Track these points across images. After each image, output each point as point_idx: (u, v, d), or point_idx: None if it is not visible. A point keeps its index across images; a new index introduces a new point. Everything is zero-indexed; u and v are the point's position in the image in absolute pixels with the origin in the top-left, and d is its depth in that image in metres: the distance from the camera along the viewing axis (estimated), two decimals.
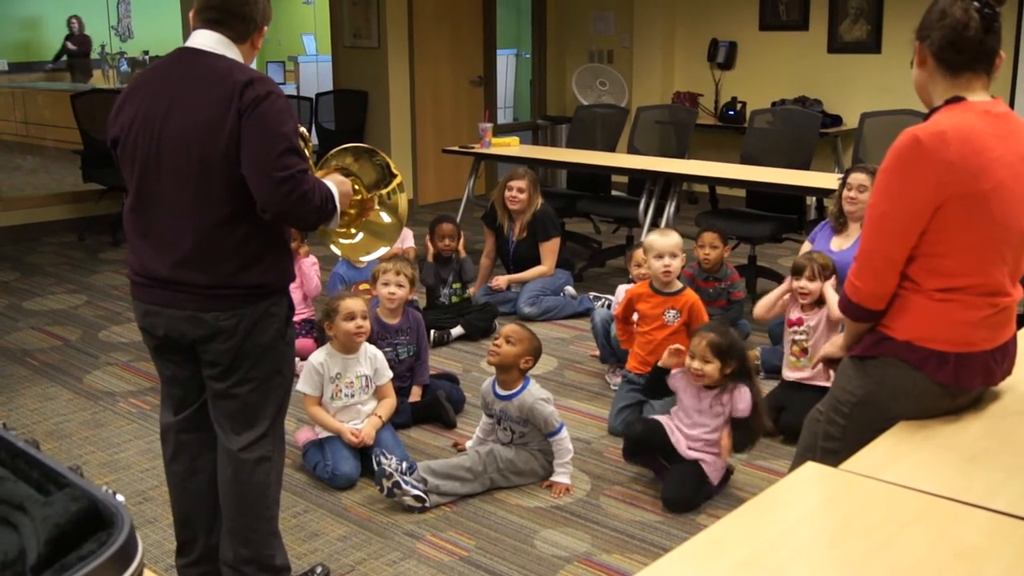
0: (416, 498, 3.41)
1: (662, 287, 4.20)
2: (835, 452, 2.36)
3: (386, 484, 3.41)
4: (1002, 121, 2.23)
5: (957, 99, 2.24)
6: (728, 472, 3.61)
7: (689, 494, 3.46)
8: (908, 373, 2.27)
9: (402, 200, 2.95)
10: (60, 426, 4.21)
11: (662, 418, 3.65)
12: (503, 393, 3.65)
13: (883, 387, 2.31)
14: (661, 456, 3.58)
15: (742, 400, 3.47)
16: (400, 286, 4.24)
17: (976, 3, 2.20)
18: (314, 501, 3.54)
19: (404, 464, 3.49)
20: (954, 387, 2.26)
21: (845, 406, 2.38)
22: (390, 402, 3.85)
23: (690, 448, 3.53)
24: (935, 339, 2.24)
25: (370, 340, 3.94)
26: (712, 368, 3.45)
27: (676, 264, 4.19)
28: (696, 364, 3.48)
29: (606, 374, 4.73)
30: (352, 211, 2.87)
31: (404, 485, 3.39)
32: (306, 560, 3.13)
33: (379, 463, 3.46)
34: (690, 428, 3.56)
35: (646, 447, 3.60)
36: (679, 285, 4.25)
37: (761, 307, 4.41)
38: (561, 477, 3.61)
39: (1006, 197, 2.19)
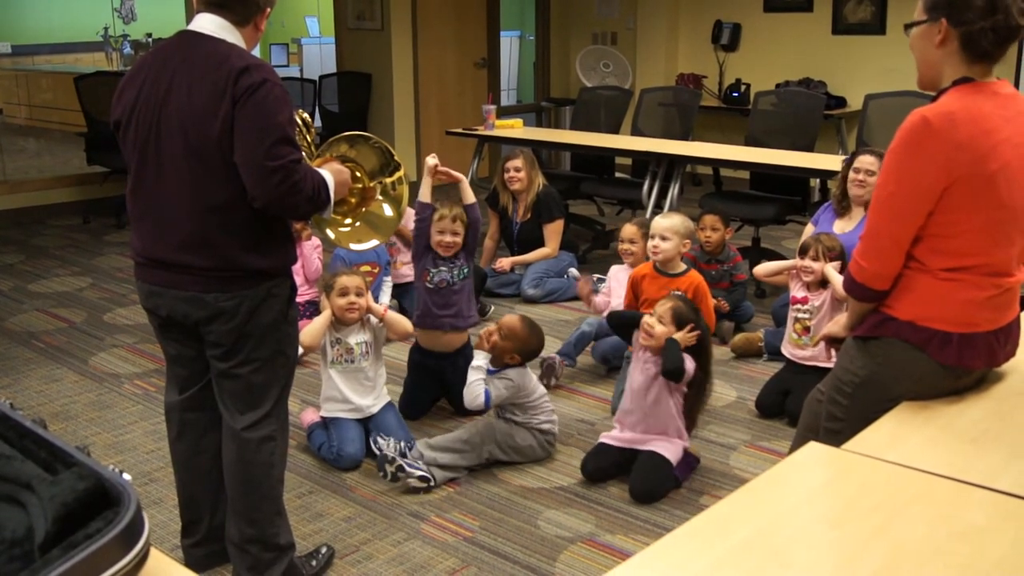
0: (421, 479, 3.42)
1: (662, 268, 4.21)
2: (837, 432, 2.37)
3: (389, 469, 3.42)
4: (1009, 102, 2.22)
5: (966, 80, 2.22)
6: (692, 458, 3.57)
7: (653, 484, 3.41)
8: (911, 353, 2.27)
9: (405, 193, 2.94)
10: (66, 408, 4.22)
11: (605, 437, 3.61)
12: (492, 368, 3.68)
13: (886, 367, 2.31)
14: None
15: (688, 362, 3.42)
16: (456, 234, 4.08)
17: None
18: (319, 482, 3.56)
19: (403, 444, 3.51)
20: (957, 367, 2.26)
21: (848, 386, 2.38)
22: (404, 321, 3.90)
23: (643, 436, 3.51)
24: (938, 319, 2.24)
25: (425, 263, 4.07)
26: (662, 331, 3.42)
27: (665, 246, 4.18)
28: (651, 321, 3.45)
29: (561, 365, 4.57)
30: (353, 199, 2.85)
31: (408, 468, 3.41)
32: (311, 540, 3.15)
33: (379, 448, 3.48)
34: (635, 415, 3.53)
35: (607, 476, 3.56)
36: (683, 267, 4.25)
37: (763, 268, 4.44)
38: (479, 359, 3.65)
39: (1013, 178, 2.18)
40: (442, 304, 4.10)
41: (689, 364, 3.42)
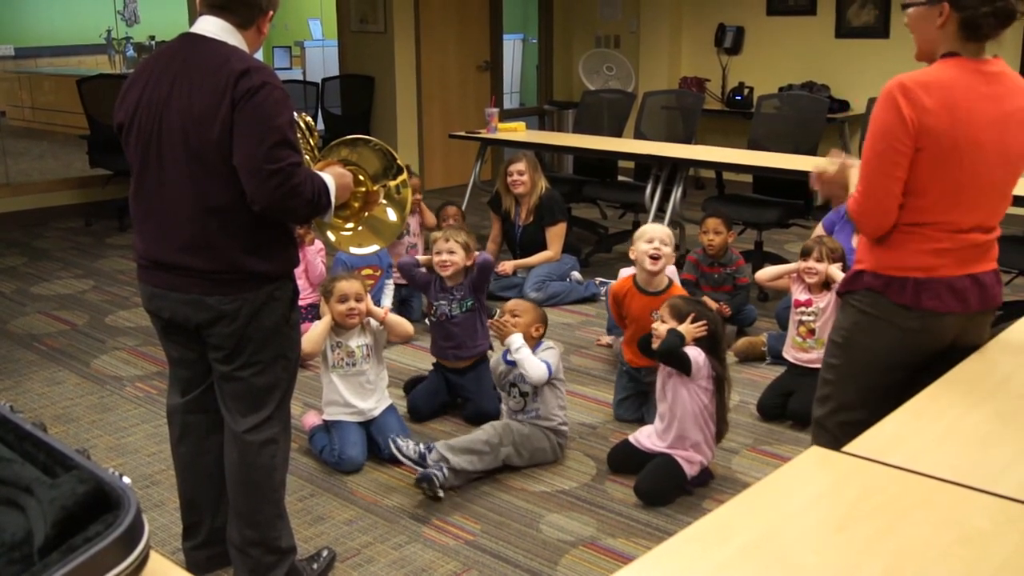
0: (435, 496, 3.40)
1: (646, 284, 4.11)
2: (826, 399, 2.52)
3: (427, 491, 3.41)
4: (992, 79, 2.33)
5: (952, 54, 2.34)
6: (708, 473, 3.53)
7: (662, 486, 3.40)
8: (876, 299, 2.41)
9: (409, 197, 2.92)
10: (67, 410, 4.22)
11: (631, 437, 3.63)
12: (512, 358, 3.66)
13: (862, 316, 2.43)
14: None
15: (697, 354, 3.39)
16: (452, 252, 4.15)
17: None
18: (320, 485, 3.55)
19: (421, 445, 3.46)
20: (916, 309, 2.36)
21: (839, 341, 2.50)
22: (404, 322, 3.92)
23: (663, 444, 3.49)
24: (896, 267, 2.38)
25: (430, 297, 4.19)
26: (664, 328, 3.44)
27: (667, 251, 4.07)
28: (655, 323, 3.50)
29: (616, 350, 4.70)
30: (356, 203, 2.83)
31: (440, 494, 3.39)
32: (312, 543, 3.14)
33: (398, 450, 3.43)
34: (663, 420, 3.50)
35: (627, 470, 3.57)
36: (665, 283, 4.14)
37: (765, 273, 4.45)
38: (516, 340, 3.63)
39: (979, 147, 2.29)
40: (444, 336, 4.19)
41: (695, 353, 3.37)
